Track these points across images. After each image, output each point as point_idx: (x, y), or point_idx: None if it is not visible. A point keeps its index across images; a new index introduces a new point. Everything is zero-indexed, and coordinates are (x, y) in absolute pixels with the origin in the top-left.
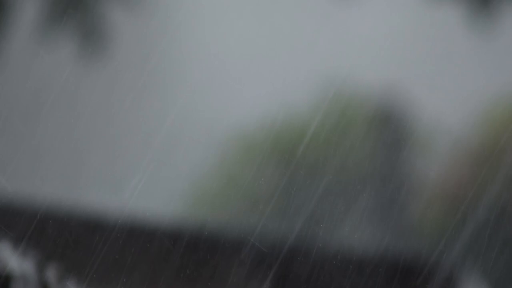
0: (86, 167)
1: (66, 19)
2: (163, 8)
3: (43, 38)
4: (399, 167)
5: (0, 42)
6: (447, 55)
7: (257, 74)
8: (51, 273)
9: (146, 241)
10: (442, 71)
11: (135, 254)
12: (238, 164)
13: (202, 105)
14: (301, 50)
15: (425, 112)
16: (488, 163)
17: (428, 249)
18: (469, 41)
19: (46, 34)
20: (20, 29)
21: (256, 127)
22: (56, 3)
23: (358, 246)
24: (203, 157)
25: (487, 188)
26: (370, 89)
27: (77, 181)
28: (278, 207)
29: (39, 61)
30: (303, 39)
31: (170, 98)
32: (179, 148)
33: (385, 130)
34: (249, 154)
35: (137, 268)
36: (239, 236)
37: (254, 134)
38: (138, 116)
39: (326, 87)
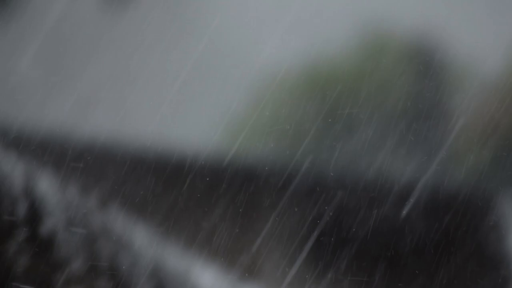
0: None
1: None
2: None
3: None
4: (436, 103)
5: None
6: None
7: (292, 13)
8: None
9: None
10: (478, 9)
11: (174, 186)
12: (273, 100)
13: (236, 42)
14: None
15: (461, 50)
16: None
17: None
18: None
19: None
20: None
21: (292, 65)
22: None
23: (396, 178)
24: (237, 94)
25: None
26: (407, 27)
27: (114, 112)
28: (316, 141)
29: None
30: None
31: (203, 35)
32: (213, 85)
33: (422, 68)
34: (284, 91)
35: (176, 199)
36: (275, 169)
37: (289, 72)
38: (171, 53)
39: (362, 26)
